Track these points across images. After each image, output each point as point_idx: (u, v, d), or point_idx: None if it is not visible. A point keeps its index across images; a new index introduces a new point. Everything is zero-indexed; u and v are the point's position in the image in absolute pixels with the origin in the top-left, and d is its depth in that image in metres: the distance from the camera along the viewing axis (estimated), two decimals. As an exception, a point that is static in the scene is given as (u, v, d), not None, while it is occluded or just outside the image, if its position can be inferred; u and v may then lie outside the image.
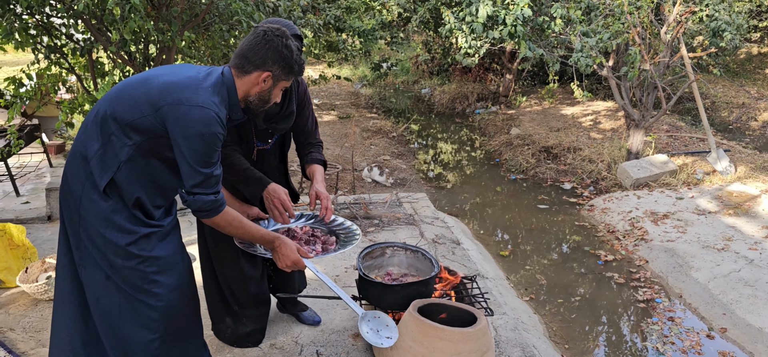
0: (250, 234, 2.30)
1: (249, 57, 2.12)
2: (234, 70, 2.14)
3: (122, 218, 2.04)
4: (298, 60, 2.19)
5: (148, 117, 1.96)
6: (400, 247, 3.17)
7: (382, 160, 7.66)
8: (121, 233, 2.04)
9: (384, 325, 2.51)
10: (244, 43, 2.15)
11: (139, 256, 2.07)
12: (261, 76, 2.13)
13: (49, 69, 5.00)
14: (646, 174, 6.50)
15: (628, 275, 4.73)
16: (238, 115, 2.20)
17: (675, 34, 6.40)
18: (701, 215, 5.49)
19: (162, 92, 1.97)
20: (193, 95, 1.97)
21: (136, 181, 2.05)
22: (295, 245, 2.39)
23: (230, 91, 2.12)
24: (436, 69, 13.87)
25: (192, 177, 2.02)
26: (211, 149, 2.00)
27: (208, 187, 2.06)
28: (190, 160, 1.99)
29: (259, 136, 2.80)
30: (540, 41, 7.35)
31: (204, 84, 2.02)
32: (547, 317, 4.18)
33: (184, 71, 2.06)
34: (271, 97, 2.22)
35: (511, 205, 6.61)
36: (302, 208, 4.92)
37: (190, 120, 1.94)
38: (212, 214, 2.12)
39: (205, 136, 1.96)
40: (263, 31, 2.13)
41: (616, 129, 8.73)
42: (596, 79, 11.38)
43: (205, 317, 3.29)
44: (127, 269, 2.06)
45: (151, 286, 2.11)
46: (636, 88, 6.93)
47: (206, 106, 1.97)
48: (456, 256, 4.38)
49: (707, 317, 4.02)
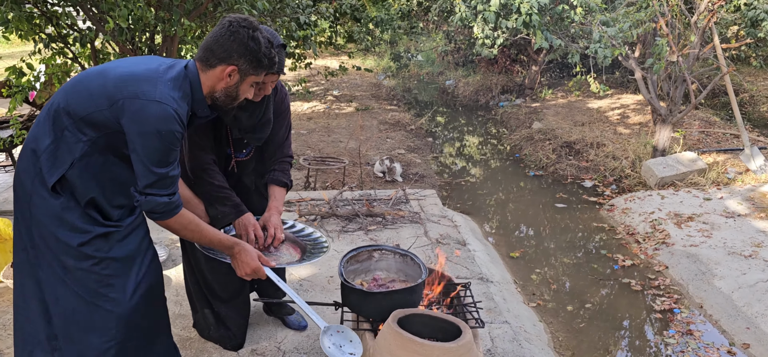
0: (207, 239, 2.15)
1: (213, 50, 1.98)
2: (198, 63, 2.01)
3: (74, 217, 1.92)
4: (268, 53, 2.03)
5: (104, 111, 1.84)
6: (389, 250, 2.97)
7: (396, 154, 7.46)
8: (73, 233, 1.92)
9: (347, 339, 2.34)
10: (210, 35, 2.02)
11: (93, 257, 1.95)
12: (226, 71, 1.99)
13: (53, 59, 4.96)
14: (672, 172, 6.14)
15: (646, 282, 4.43)
16: (204, 112, 2.06)
17: (706, 24, 6.00)
18: (729, 218, 5.13)
19: (118, 85, 1.84)
20: (152, 89, 1.84)
21: (91, 179, 1.93)
22: (257, 252, 2.24)
23: (194, 86, 1.99)
24: (462, 60, 13.56)
25: (146, 176, 1.88)
26: (168, 148, 1.87)
27: (163, 188, 1.93)
28: (145, 159, 1.86)
29: (236, 147, 2.63)
30: (559, 31, 7.01)
31: (164, 77, 1.89)
32: (554, 326, 3.93)
33: (145, 63, 1.93)
34: (238, 92, 2.06)
35: (528, 204, 6.33)
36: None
37: (147, 115, 1.81)
38: (166, 216, 1.99)
39: (161, 134, 1.83)
40: (228, 22, 1.99)
41: (644, 124, 8.32)
42: (626, 70, 10.91)
43: (187, 311, 3.18)
44: (80, 271, 1.94)
45: (107, 291, 1.98)
46: (663, 81, 6.54)
47: (164, 101, 1.84)
48: (460, 257, 4.17)
49: (729, 331, 3.72)
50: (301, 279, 3.73)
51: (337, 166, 6.09)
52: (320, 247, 2.58)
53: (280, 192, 2.65)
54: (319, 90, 11.70)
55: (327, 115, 9.63)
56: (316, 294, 3.56)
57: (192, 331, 3.12)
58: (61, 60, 5.01)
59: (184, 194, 2.43)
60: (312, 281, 3.71)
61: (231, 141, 2.59)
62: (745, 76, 10.73)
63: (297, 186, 6.10)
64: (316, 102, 10.56)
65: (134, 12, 4.31)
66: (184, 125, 1.91)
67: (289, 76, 12.43)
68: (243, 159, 2.68)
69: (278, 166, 2.67)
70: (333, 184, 6.22)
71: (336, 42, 9.50)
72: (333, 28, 8.95)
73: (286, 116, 2.69)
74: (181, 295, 3.47)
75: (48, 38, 4.80)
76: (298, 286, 3.63)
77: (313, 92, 11.29)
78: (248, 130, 2.51)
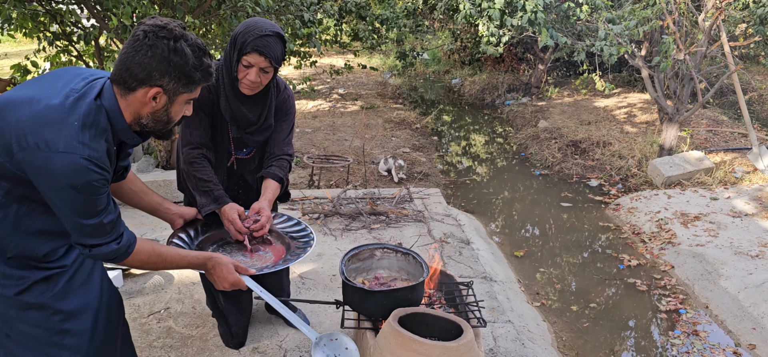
0: (174, 263, 1.94)
1: (130, 69, 1.59)
2: (116, 87, 1.62)
3: (6, 265, 1.66)
4: (198, 64, 1.65)
5: (5, 164, 1.53)
6: (391, 249, 2.95)
7: (401, 153, 7.44)
8: (7, 282, 1.65)
9: (343, 348, 2.26)
10: (124, 49, 1.62)
11: (37, 304, 1.69)
12: (148, 94, 1.62)
13: (58, 57, 4.98)
14: (678, 172, 6.09)
15: (652, 282, 4.39)
16: (133, 140, 1.73)
17: (714, 21, 5.94)
18: (736, 217, 5.08)
19: (15, 133, 1.51)
20: (55, 137, 1.50)
21: (12, 233, 1.64)
22: (233, 262, 2.08)
23: (112, 117, 1.62)
24: (468, 59, 13.51)
25: (78, 230, 1.61)
26: (91, 198, 1.57)
27: (103, 236, 1.65)
28: (69, 214, 1.58)
29: (237, 145, 2.61)
30: (565, 29, 6.96)
31: (70, 117, 1.53)
32: (559, 325, 3.90)
33: (50, 94, 1.56)
34: (170, 116, 1.71)
35: (533, 203, 6.29)
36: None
37: (54, 170, 1.50)
38: (120, 260, 1.74)
39: (77, 188, 1.52)
40: (143, 33, 1.59)
41: (651, 122, 8.26)
42: (632, 69, 10.84)
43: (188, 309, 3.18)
44: (25, 322, 1.69)
45: (61, 338, 1.73)
46: (670, 79, 6.49)
47: (71, 150, 1.50)
48: (463, 256, 4.15)
49: (735, 331, 3.68)
50: (304, 277, 3.72)
51: (341, 164, 6.07)
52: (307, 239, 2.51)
53: (273, 185, 2.58)
54: (325, 88, 11.69)
55: (332, 113, 9.62)
56: (318, 292, 3.55)
57: (193, 328, 3.12)
58: (65, 58, 5.03)
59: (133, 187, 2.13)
60: (314, 279, 3.70)
61: (232, 139, 2.57)
62: (754, 75, 10.63)
63: (301, 184, 6.09)
64: (321, 100, 10.56)
65: (138, 10, 4.31)
66: (103, 168, 1.57)
67: (294, 74, 12.43)
68: (244, 157, 2.66)
69: (276, 162, 2.63)
70: (337, 182, 6.21)
71: (341, 40, 9.47)
72: (338, 26, 8.92)
73: (289, 116, 2.65)
74: (183, 292, 3.47)
75: (52, 36, 4.81)
76: (300, 284, 3.62)
77: (318, 91, 11.29)
78: (248, 132, 2.49)
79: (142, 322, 3.17)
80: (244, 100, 2.42)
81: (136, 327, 3.11)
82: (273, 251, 2.48)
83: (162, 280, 3.61)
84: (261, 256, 2.44)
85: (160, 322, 3.19)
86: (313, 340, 2.23)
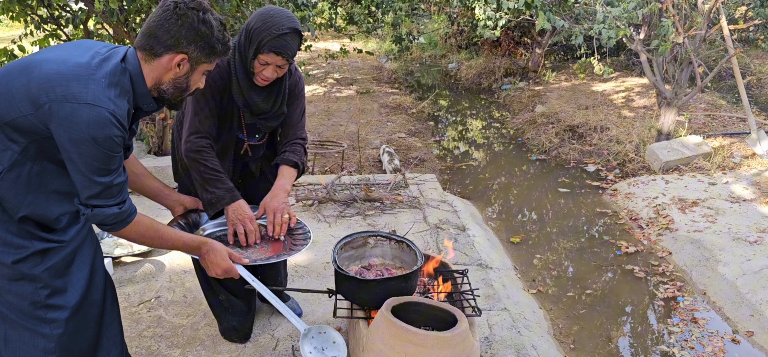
0: (170, 242, 1.96)
1: (158, 36, 1.71)
2: (140, 52, 1.74)
3: (8, 232, 1.69)
4: (221, 37, 1.79)
5: (28, 116, 1.58)
6: (384, 236, 2.90)
7: (397, 138, 7.37)
8: (6, 249, 1.69)
9: (330, 341, 2.23)
10: (151, 18, 1.74)
11: (30, 276, 1.72)
12: (174, 60, 1.73)
13: (46, 41, 4.88)
14: (676, 157, 6.04)
15: (649, 268, 4.35)
16: (150, 106, 1.82)
17: (714, 4, 5.86)
18: (735, 203, 5.03)
19: (44, 86, 1.57)
20: (82, 90, 1.58)
21: (24, 192, 1.68)
22: (227, 250, 2.09)
23: (135, 80, 1.72)
24: (465, 43, 13.39)
25: (88, 187, 1.65)
26: (108, 155, 1.63)
27: (109, 198, 1.69)
28: (83, 169, 1.62)
29: (249, 131, 2.54)
30: (563, 12, 6.86)
31: (97, 74, 1.62)
32: (555, 312, 3.86)
33: (76, 55, 1.66)
34: (189, 84, 1.82)
35: (529, 188, 6.24)
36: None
37: (79, 121, 1.56)
38: (118, 227, 1.77)
39: (97, 141, 1.58)
40: (174, 3, 1.72)
41: (649, 107, 8.20)
42: (631, 53, 10.75)
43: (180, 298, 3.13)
44: (13, 294, 1.72)
45: (45, 312, 1.75)
46: (669, 63, 6.41)
47: (98, 103, 1.57)
48: (459, 243, 4.09)
49: (733, 318, 3.64)
50: (297, 265, 3.66)
51: (336, 150, 6.00)
52: (305, 236, 2.47)
53: (290, 172, 2.52)
54: (320, 73, 11.58)
55: (327, 98, 9.53)
56: (312, 280, 3.50)
57: (184, 318, 3.07)
58: (53, 42, 4.92)
59: (135, 169, 2.17)
60: (308, 267, 3.64)
61: (244, 125, 2.50)
62: (753, 59, 10.55)
63: (295, 170, 6.02)
64: (316, 85, 10.46)
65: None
66: (124, 127, 1.65)
67: (289, 59, 12.29)
68: (255, 144, 2.60)
69: (289, 147, 2.56)
70: (331, 168, 6.14)
71: (336, 24, 9.35)
72: (333, 9, 8.80)
73: (300, 99, 2.59)
74: (174, 281, 3.42)
75: (40, 20, 4.71)
76: (293, 273, 3.57)
77: (313, 75, 11.18)
78: (263, 118, 2.43)
79: (132, 312, 3.12)
80: (259, 90, 2.37)
81: (125, 316, 3.05)
82: (270, 246, 2.44)
83: (153, 269, 3.55)
84: (257, 249, 2.40)
85: (150, 311, 3.14)
86: (301, 332, 2.19)
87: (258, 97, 2.37)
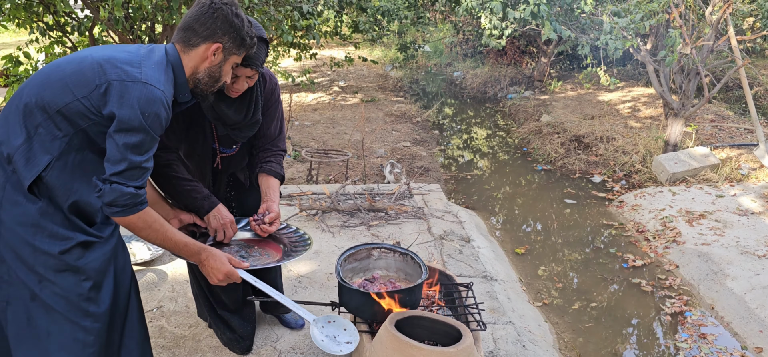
0: (172, 241, 1.98)
1: (195, 28, 1.89)
2: (179, 45, 1.91)
3: (54, 222, 1.76)
4: (250, 32, 1.98)
5: (82, 100, 1.70)
6: (388, 248, 2.86)
7: (402, 147, 7.34)
8: (53, 240, 1.75)
9: (341, 328, 2.23)
10: (189, 15, 1.92)
11: (74, 267, 1.78)
12: (210, 49, 1.90)
13: (52, 48, 4.89)
14: (683, 168, 5.99)
15: (657, 282, 4.30)
16: (186, 97, 1.97)
17: (721, 15, 5.82)
18: (743, 216, 4.98)
19: (98, 69, 1.72)
20: (136, 71, 1.73)
21: (72, 180, 1.77)
22: (227, 256, 2.09)
23: (176, 70, 1.88)
24: (470, 51, 13.38)
25: (118, 163, 1.72)
26: (149, 135, 1.73)
27: (131, 179, 1.75)
28: (122, 143, 1.70)
29: (222, 142, 2.48)
30: (569, 22, 6.83)
31: (148, 60, 1.79)
32: (561, 326, 3.82)
33: (124, 49, 1.82)
34: (221, 74, 1.98)
35: (535, 198, 6.20)
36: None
37: (132, 97, 1.69)
38: (128, 210, 1.78)
39: (146, 116, 1.70)
40: (210, 1, 1.90)
41: (655, 117, 8.15)
42: (637, 62, 10.71)
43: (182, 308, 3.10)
44: (59, 284, 1.78)
45: (87, 304, 1.82)
46: (676, 73, 6.37)
47: (151, 82, 1.73)
48: (463, 254, 4.06)
49: (741, 334, 3.59)
50: (300, 276, 3.63)
51: (341, 159, 5.98)
52: (304, 243, 2.45)
53: (276, 183, 2.50)
54: (325, 81, 11.58)
55: (332, 106, 9.52)
56: (315, 291, 3.47)
57: (186, 328, 3.04)
58: (60, 49, 4.93)
59: (151, 195, 2.26)
60: (310, 278, 3.61)
61: (216, 136, 2.45)
62: (760, 69, 10.49)
63: (299, 179, 6.00)
64: (322, 93, 10.45)
65: (133, 0, 4.21)
66: (170, 111, 1.79)
67: (294, 67, 12.32)
68: (229, 154, 2.55)
69: (273, 158, 2.53)
70: (336, 177, 6.11)
71: (341, 32, 9.35)
72: (338, 17, 8.80)
73: (276, 107, 2.53)
74: (176, 291, 3.39)
75: (45, 27, 4.71)
76: (296, 283, 3.54)
77: (318, 83, 11.18)
78: (236, 128, 2.37)
79: (133, 322, 3.09)
80: (229, 101, 2.30)
81: (127, 326, 3.02)
82: (269, 253, 2.41)
83: (155, 278, 3.53)
84: (256, 257, 2.37)
85: (151, 321, 3.11)
86: (310, 321, 2.19)
87: (229, 108, 2.30)
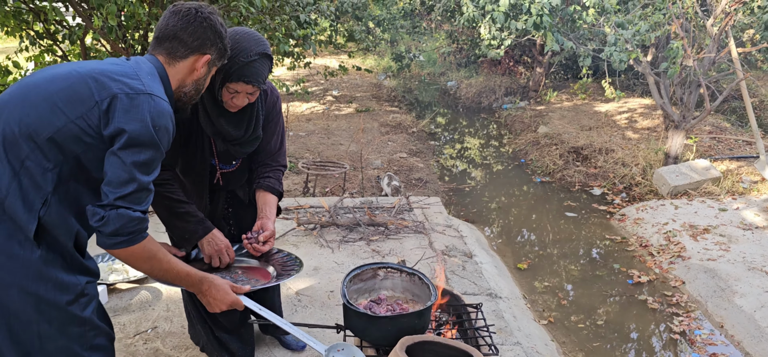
0: (174, 272, 1.81)
1: (183, 39, 1.74)
2: (162, 57, 1.75)
3: (58, 269, 1.57)
4: (228, 43, 1.88)
5: (77, 121, 1.51)
6: (395, 268, 2.74)
7: (399, 158, 7.23)
8: (59, 291, 1.57)
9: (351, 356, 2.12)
10: (172, 24, 1.75)
11: (80, 319, 1.62)
12: (200, 61, 1.78)
13: (42, 57, 4.74)
14: (685, 181, 5.93)
15: (663, 299, 4.22)
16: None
17: (722, 27, 5.79)
18: (747, 230, 4.91)
19: (94, 84, 1.54)
20: (138, 83, 1.59)
21: (68, 213, 1.58)
22: (228, 283, 1.95)
23: (164, 83, 1.72)
24: (464, 61, 13.32)
25: (123, 184, 1.53)
26: (159, 151, 1.59)
27: (138, 202, 1.57)
28: (130, 162, 1.52)
29: (222, 158, 2.36)
30: (570, 33, 6.78)
31: (142, 72, 1.64)
32: (567, 345, 3.71)
33: (110, 61, 1.67)
34: (204, 85, 1.87)
35: (535, 211, 6.11)
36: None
37: (140, 109, 1.54)
38: (134, 239, 1.60)
39: (158, 130, 1.56)
40: (195, 9, 1.75)
41: (653, 128, 8.10)
42: (633, 73, 10.69)
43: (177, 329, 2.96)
44: (65, 337, 1.61)
45: (90, 353, 1.67)
46: (677, 85, 6.33)
47: (157, 94, 1.60)
48: (467, 271, 3.95)
49: (752, 353, 3.50)
50: (300, 293, 3.51)
51: (338, 171, 5.85)
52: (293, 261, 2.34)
53: (273, 200, 2.39)
54: (318, 90, 11.46)
55: (326, 116, 9.41)
56: (315, 310, 3.34)
57: (182, 350, 2.90)
58: (50, 58, 4.78)
59: None
60: (311, 296, 3.49)
61: (216, 152, 2.33)
62: (755, 82, 10.51)
63: (295, 191, 5.87)
64: (315, 102, 10.33)
65: (126, 9, 4.08)
66: (175, 125, 1.67)
67: (287, 76, 12.20)
68: (229, 171, 2.43)
69: (272, 173, 2.41)
70: (333, 190, 5.99)
71: (336, 41, 9.24)
72: (333, 26, 8.70)
73: (277, 121, 2.42)
74: (172, 310, 3.25)
75: (35, 35, 4.57)
76: (296, 301, 3.41)
77: (312, 92, 11.06)
78: (236, 144, 2.25)
79: (127, 343, 2.95)
80: (229, 116, 2.18)
81: (120, 348, 2.88)
82: (260, 278, 2.29)
83: (149, 296, 3.39)
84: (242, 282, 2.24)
85: (146, 342, 2.97)
86: (322, 353, 2.09)
87: (228, 124, 2.18)
